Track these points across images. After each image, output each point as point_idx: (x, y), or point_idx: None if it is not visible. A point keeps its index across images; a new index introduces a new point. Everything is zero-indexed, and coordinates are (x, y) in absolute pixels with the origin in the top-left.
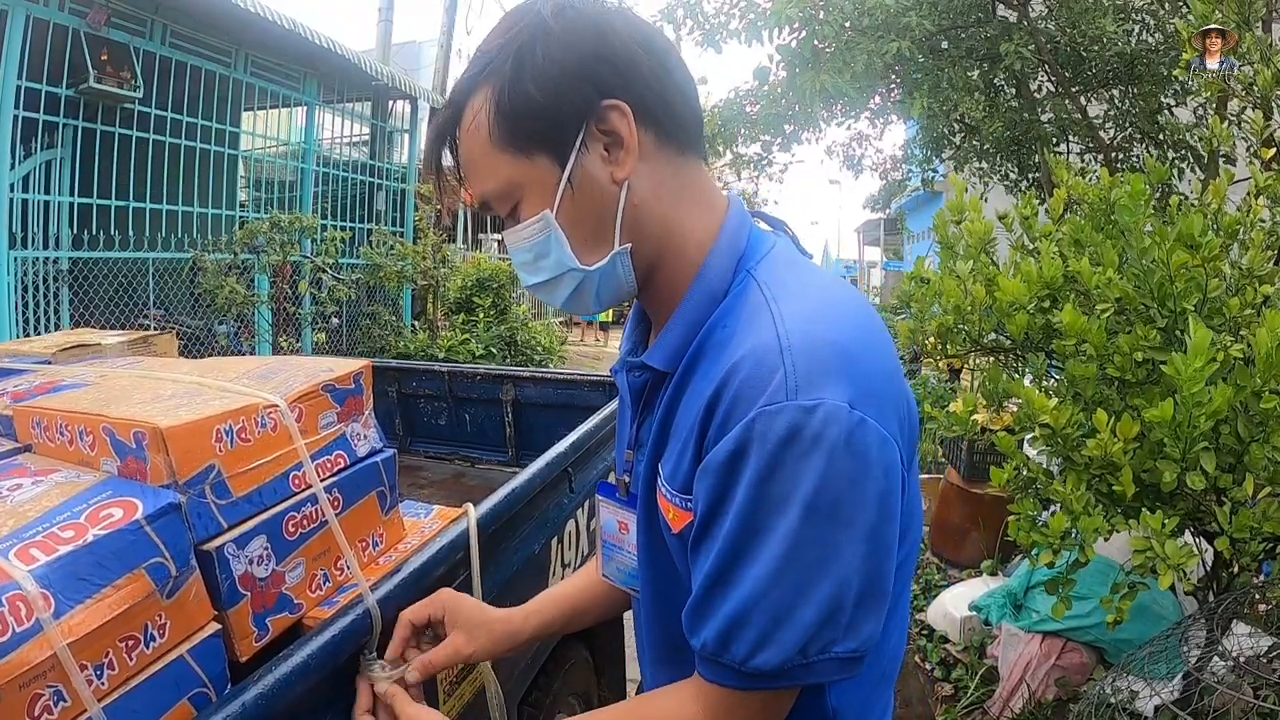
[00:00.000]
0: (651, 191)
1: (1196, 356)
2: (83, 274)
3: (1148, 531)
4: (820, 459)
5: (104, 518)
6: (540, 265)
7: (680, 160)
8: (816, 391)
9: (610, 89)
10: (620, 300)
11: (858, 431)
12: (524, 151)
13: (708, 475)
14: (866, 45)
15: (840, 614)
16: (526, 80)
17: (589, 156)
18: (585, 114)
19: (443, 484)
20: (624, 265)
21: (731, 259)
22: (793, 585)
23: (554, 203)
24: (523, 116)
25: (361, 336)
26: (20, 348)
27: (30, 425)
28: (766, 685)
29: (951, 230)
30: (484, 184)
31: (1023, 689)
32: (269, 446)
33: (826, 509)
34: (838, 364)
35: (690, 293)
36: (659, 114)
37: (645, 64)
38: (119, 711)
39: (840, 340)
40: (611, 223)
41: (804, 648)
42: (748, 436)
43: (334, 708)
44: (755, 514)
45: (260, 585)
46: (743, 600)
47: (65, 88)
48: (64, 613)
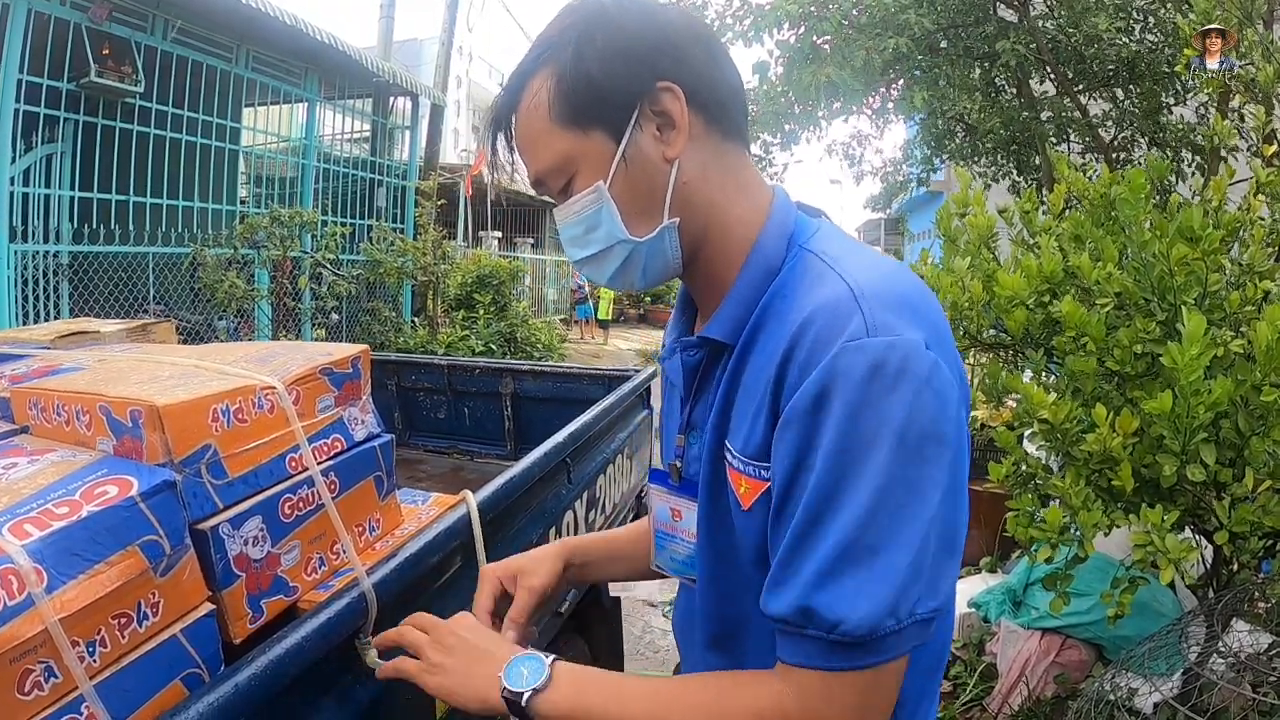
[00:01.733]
0: (699, 172)
1: (1192, 344)
2: (83, 268)
3: (1147, 526)
4: (907, 392)
5: (99, 494)
6: (591, 238)
7: (726, 146)
8: (895, 330)
9: (664, 73)
10: (666, 277)
11: (936, 371)
12: (581, 127)
13: (791, 425)
14: (865, 42)
15: (925, 565)
16: (588, 60)
17: (642, 135)
18: (641, 94)
19: (441, 477)
20: (671, 240)
21: (782, 237)
22: (885, 531)
23: (608, 175)
24: (582, 94)
25: (361, 333)
26: (19, 335)
27: (27, 406)
28: (858, 660)
29: (955, 224)
30: (541, 160)
31: (1022, 686)
32: (266, 428)
33: (914, 444)
34: (910, 310)
35: (746, 268)
36: (708, 100)
37: (696, 53)
38: (110, 689)
39: (908, 292)
40: (661, 198)
41: (895, 605)
42: (831, 374)
43: (329, 692)
44: (844, 455)
45: (255, 567)
46: (831, 554)
47: (66, 82)
48: (56, 588)
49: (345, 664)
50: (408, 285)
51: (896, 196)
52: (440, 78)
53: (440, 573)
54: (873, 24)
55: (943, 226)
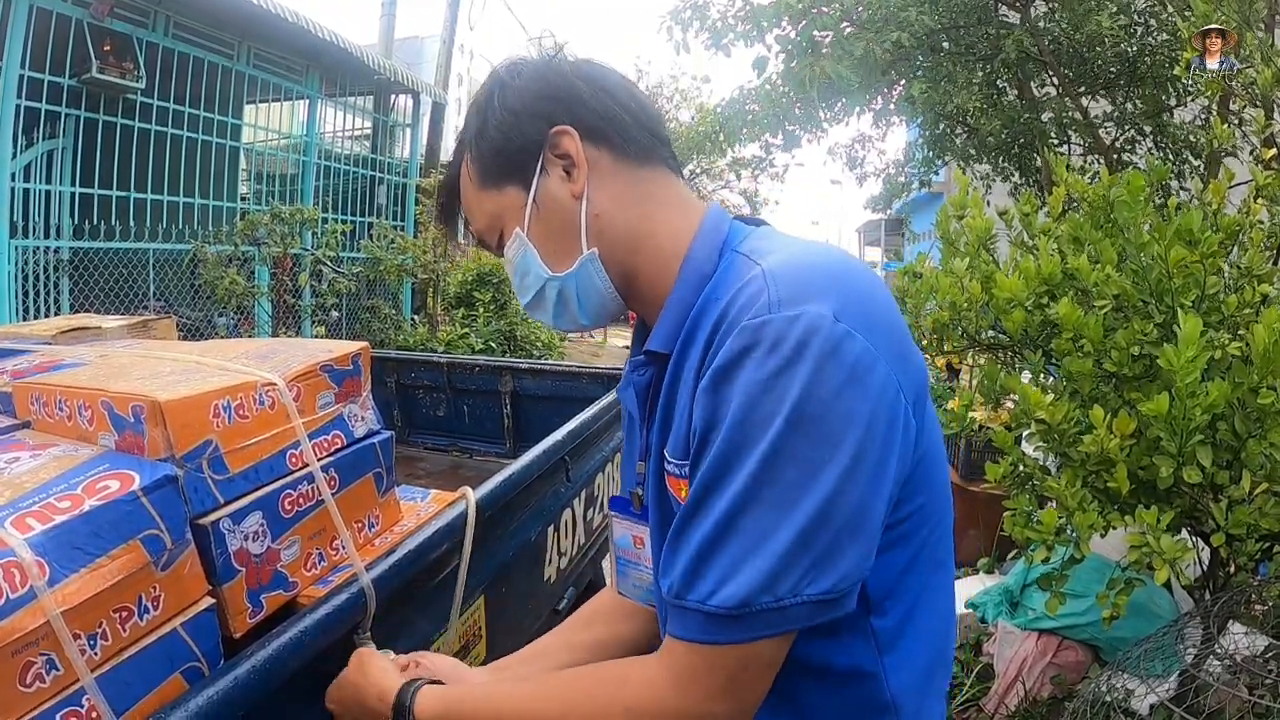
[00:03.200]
0: (611, 201)
1: (1188, 347)
2: (83, 264)
3: (1143, 526)
4: (805, 368)
5: (101, 489)
6: (526, 283)
7: (642, 170)
8: (799, 305)
9: (557, 119)
10: (607, 312)
11: (845, 343)
12: (498, 186)
13: (699, 407)
14: (865, 36)
15: (815, 540)
16: (490, 128)
17: (550, 179)
18: (540, 143)
19: (440, 474)
20: (596, 270)
21: (714, 246)
22: (767, 507)
23: (524, 222)
24: (490, 158)
25: (361, 330)
26: (20, 330)
27: (29, 401)
28: (734, 634)
29: (953, 226)
30: (477, 223)
31: (1018, 686)
32: (267, 424)
33: (811, 419)
34: (820, 282)
35: (679, 278)
36: (608, 132)
37: (586, 93)
38: (111, 682)
39: (822, 264)
40: (576, 232)
41: (774, 582)
42: (731, 352)
43: (327, 687)
44: (738, 430)
45: (255, 562)
46: (715, 524)
47: (68, 78)
48: (58, 581)
49: (344, 659)
50: (408, 283)
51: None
52: (441, 75)
53: (439, 569)
54: (874, 20)
55: (941, 228)
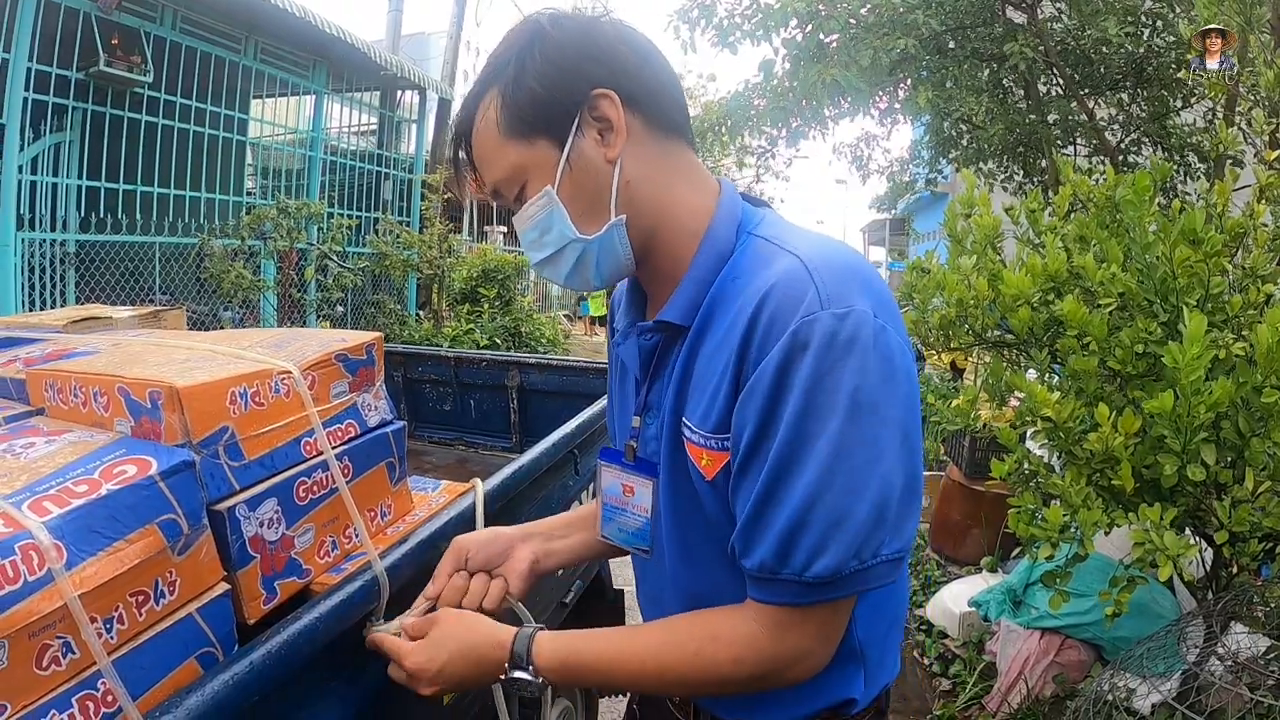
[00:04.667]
0: (642, 170)
1: (1193, 345)
2: (90, 257)
3: (1146, 524)
4: (857, 359)
5: (118, 474)
6: (545, 240)
7: (668, 143)
8: (845, 302)
9: (600, 80)
10: (620, 275)
11: (882, 336)
12: (527, 138)
13: (755, 396)
14: (872, 41)
15: (888, 510)
16: (528, 77)
17: (584, 140)
18: (579, 102)
19: (447, 468)
20: (620, 237)
21: (732, 226)
22: (845, 485)
23: (555, 180)
24: (526, 108)
25: (366, 325)
26: (30, 320)
27: (44, 388)
28: (826, 595)
29: (960, 224)
30: (494, 172)
31: (1021, 685)
32: (282, 412)
33: (868, 406)
34: (858, 281)
35: (698, 255)
36: (644, 102)
37: (630, 60)
38: (127, 666)
39: (854, 263)
40: (607, 197)
41: (859, 549)
42: (791, 347)
43: (340, 674)
44: (804, 420)
45: (270, 548)
46: (798, 507)
47: (75, 71)
48: (76, 564)
49: (357, 646)
50: (413, 278)
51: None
52: (448, 72)
53: None
54: (880, 23)
55: (949, 226)
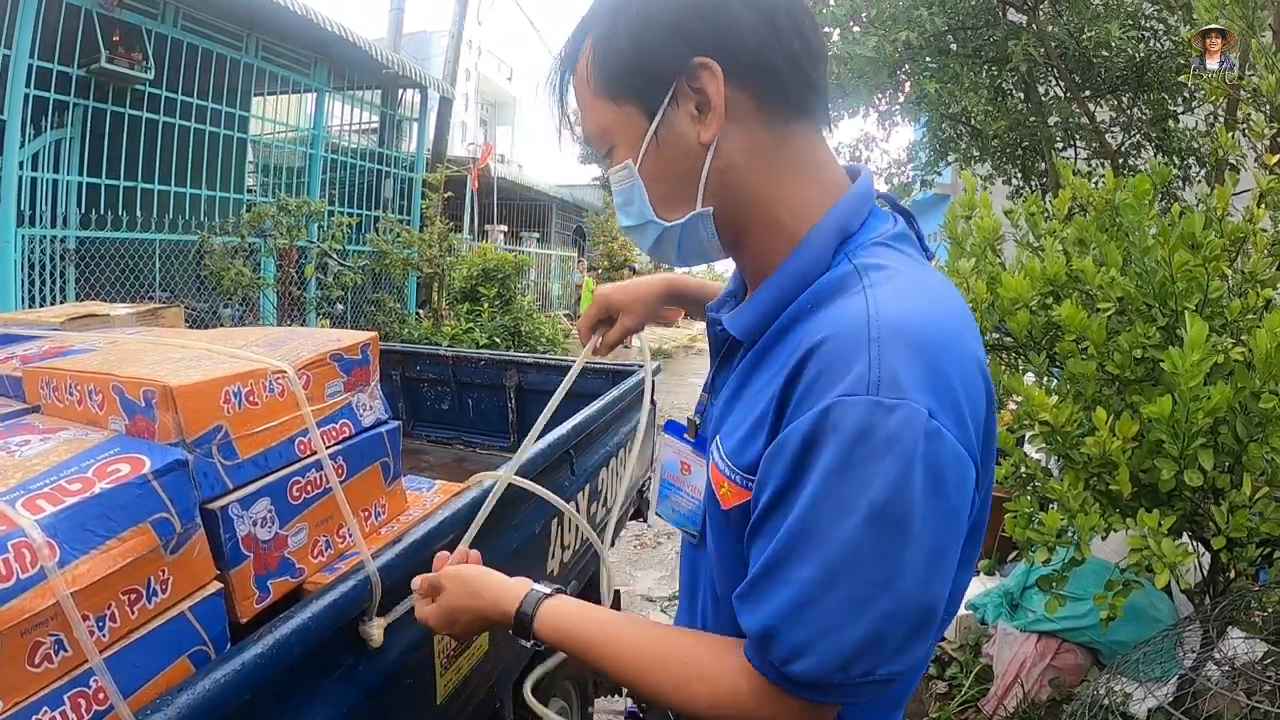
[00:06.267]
0: (744, 157)
1: (1193, 350)
2: (90, 253)
3: (1144, 530)
4: (893, 464)
5: (111, 472)
6: (628, 210)
7: (786, 128)
8: (899, 391)
9: (703, 47)
10: (705, 259)
11: (934, 441)
12: (616, 101)
13: (780, 458)
14: (875, 33)
15: (890, 636)
16: (621, 33)
17: (678, 113)
18: (677, 70)
19: (444, 467)
20: (705, 227)
21: (835, 239)
22: (846, 597)
23: (638, 155)
24: (615, 67)
25: (366, 323)
26: (28, 317)
27: (39, 386)
28: (806, 695)
29: (961, 226)
30: (586, 125)
31: (1017, 688)
32: (276, 411)
33: (894, 521)
34: (924, 369)
35: (783, 267)
36: (760, 77)
37: (748, 23)
38: (119, 664)
39: (931, 344)
40: (694, 183)
41: (847, 666)
42: (823, 424)
43: (333, 672)
44: (818, 510)
45: (263, 547)
46: (790, 602)
47: (76, 67)
48: (68, 562)
49: (350, 645)
50: (413, 277)
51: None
52: (449, 71)
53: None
54: (882, 18)
55: (949, 228)
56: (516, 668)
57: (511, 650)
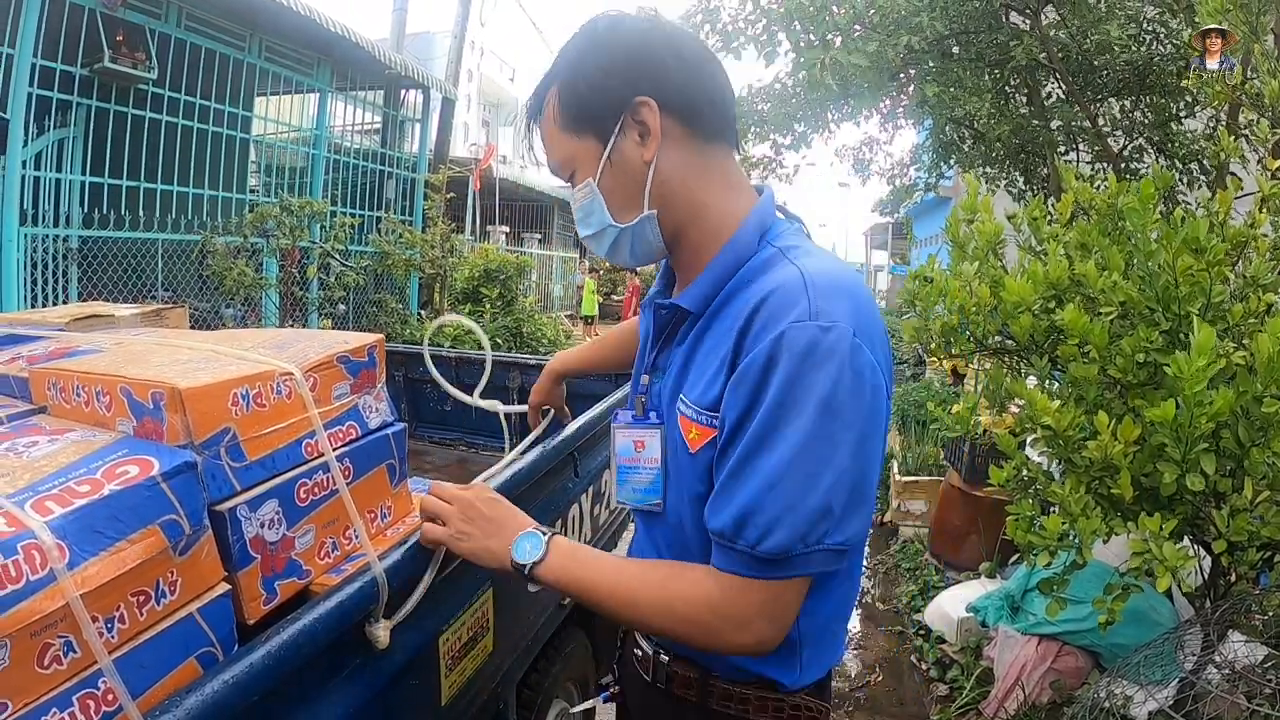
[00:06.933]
0: (676, 172)
1: (1199, 356)
2: (92, 253)
3: (1145, 534)
4: (833, 368)
5: (120, 474)
6: (589, 220)
7: (708, 149)
8: (831, 318)
9: (643, 89)
10: (652, 258)
11: (858, 353)
12: (577, 134)
13: (743, 384)
14: (878, 37)
15: (835, 505)
16: (581, 79)
17: (625, 140)
18: (623, 107)
19: (447, 469)
20: (652, 228)
21: (757, 233)
22: (803, 474)
23: (597, 173)
24: (577, 107)
25: (368, 324)
26: (32, 317)
27: (46, 387)
28: (772, 573)
29: (963, 230)
30: (552, 156)
31: (1018, 691)
32: (283, 413)
33: (834, 410)
34: (847, 303)
35: (720, 255)
36: (685, 110)
37: (676, 69)
38: (128, 665)
39: (847, 287)
40: (641, 193)
41: (805, 535)
42: (778, 347)
43: (339, 673)
44: (779, 409)
45: (270, 549)
46: (759, 487)
47: (80, 67)
48: (78, 564)
49: (356, 646)
50: (415, 278)
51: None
52: (452, 71)
53: (449, 560)
54: (885, 23)
55: (951, 232)
56: (517, 672)
57: (514, 654)
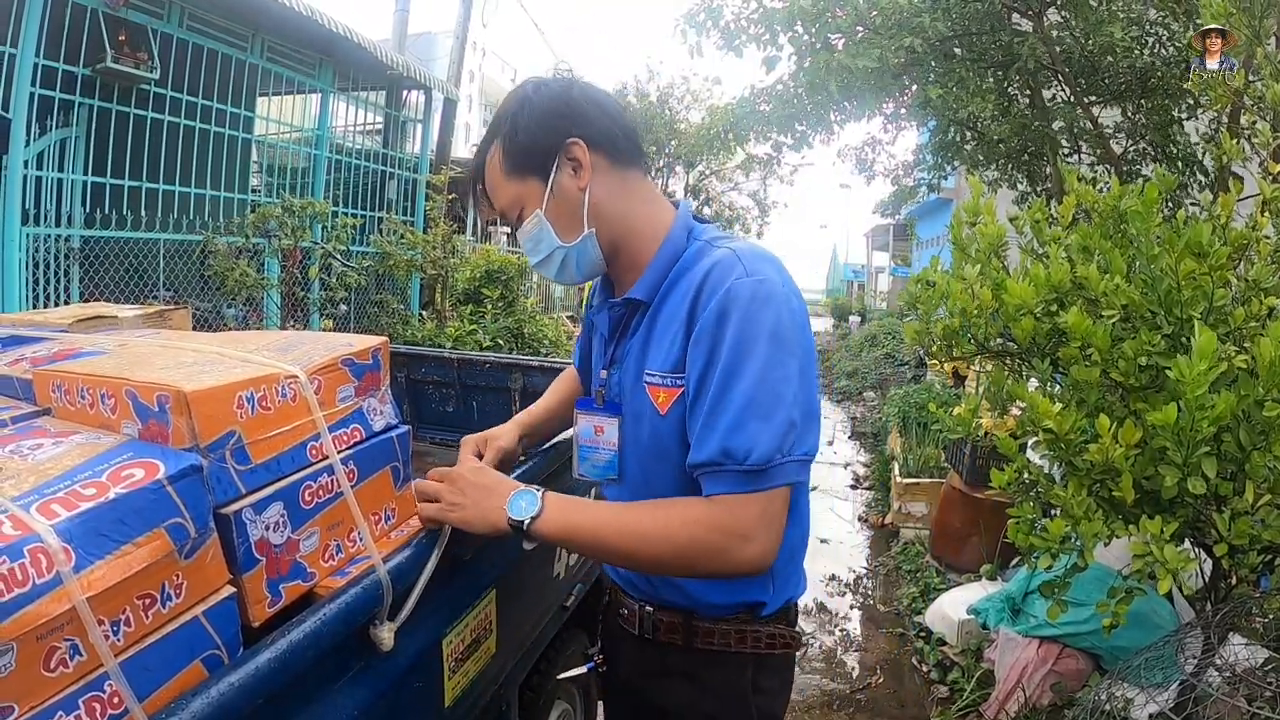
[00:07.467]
0: (606, 194)
1: (1201, 359)
2: (94, 253)
3: (1147, 536)
4: (773, 308)
5: (125, 477)
6: (538, 248)
7: (627, 173)
8: (762, 274)
9: (571, 133)
10: (595, 272)
11: (789, 299)
12: (521, 177)
13: (702, 338)
14: (880, 41)
15: (796, 419)
16: (520, 133)
17: (562, 175)
18: (557, 149)
19: None
20: (592, 244)
21: (684, 233)
22: (769, 393)
23: (543, 205)
24: (519, 155)
25: (369, 324)
26: (35, 318)
27: (50, 389)
28: (762, 484)
29: (965, 232)
30: (500, 201)
31: (1018, 693)
32: (288, 416)
33: (781, 339)
34: (772, 266)
35: (659, 253)
36: (606, 145)
37: (594, 114)
38: (133, 668)
39: (770, 258)
40: (580, 216)
41: (780, 445)
42: (726, 300)
43: (344, 675)
44: (739, 346)
45: (275, 552)
46: (738, 409)
47: (82, 67)
48: (84, 567)
49: (360, 649)
50: (416, 278)
51: (906, 202)
52: (454, 72)
53: (453, 562)
54: (887, 25)
55: (954, 234)
56: (519, 674)
57: (516, 655)
